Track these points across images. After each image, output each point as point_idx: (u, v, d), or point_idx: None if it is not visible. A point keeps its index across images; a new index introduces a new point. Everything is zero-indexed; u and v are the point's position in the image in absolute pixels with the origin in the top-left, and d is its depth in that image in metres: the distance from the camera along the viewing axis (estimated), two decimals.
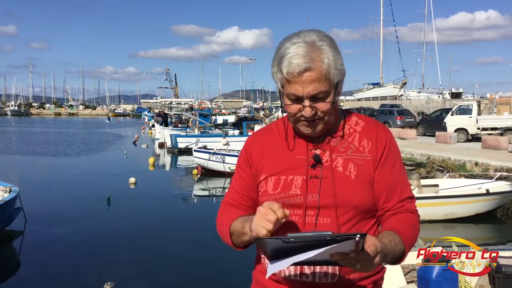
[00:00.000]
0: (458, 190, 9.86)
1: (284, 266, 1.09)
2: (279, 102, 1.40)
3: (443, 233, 9.15)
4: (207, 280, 6.81)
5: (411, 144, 17.18)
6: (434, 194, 9.58)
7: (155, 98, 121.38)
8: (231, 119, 34.76)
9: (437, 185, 10.29)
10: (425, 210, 8.83)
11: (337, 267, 1.30)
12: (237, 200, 1.49)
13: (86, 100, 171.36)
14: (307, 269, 1.32)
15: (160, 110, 45.66)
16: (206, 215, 10.79)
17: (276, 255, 1.12)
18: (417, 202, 1.45)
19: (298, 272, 1.33)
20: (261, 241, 1.14)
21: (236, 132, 25.95)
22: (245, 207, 1.47)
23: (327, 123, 1.36)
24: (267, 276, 1.13)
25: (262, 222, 1.19)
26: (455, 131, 19.53)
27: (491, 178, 10.49)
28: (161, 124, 31.16)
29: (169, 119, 33.67)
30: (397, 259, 1.28)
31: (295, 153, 1.41)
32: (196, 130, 26.06)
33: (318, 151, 1.39)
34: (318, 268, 1.31)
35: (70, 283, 6.69)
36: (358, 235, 1.02)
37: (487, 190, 9.57)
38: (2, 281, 6.89)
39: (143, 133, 42.54)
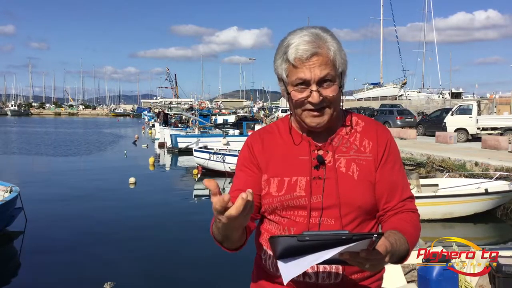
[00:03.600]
0: (456, 190, 9.86)
1: (300, 271, 1.05)
2: (280, 102, 1.39)
3: (442, 233, 9.16)
4: (207, 280, 6.82)
5: (411, 144, 17.18)
6: (433, 194, 9.59)
7: (155, 98, 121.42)
8: (231, 119, 34.80)
9: (436, 185, 10.30)
10: (423, 210, 8.83)
11: (340, 267, 1.30)
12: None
13: (86, 100, 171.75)
14: (310, 269, 1.31)
15: (160, 109, 45.74)
16: (206, 215, 10.78)
17: (286, 254, 1.09)
18: (416, 201, 1.45)
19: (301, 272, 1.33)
20: (275, 239, 1.09)
21: (236, 132, 25.98)
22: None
23: (332, 114, 1.35)
24: (285, 282, 1.07)
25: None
26: (455, 131, 19.52)
27: (490, 178, 10.49)
28: (161, 124, 31.21)
29: (170, 119, 33.58)
30: (401, 258, 1.28)
31: (297, 154, 1.39)
32: (196, 130, 26.08)
33: (320, 152, 1.39)
34: (321, 269, 1.31)
35: (70, 283, 6.70)
36: (375, 235, 1.01)
37: (486, 190, 9.57)
38: (3, 280, 6.89)
39: (143, 133, 42.56)
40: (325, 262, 1.19)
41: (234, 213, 1.04)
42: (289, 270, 1.07)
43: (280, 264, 1.10)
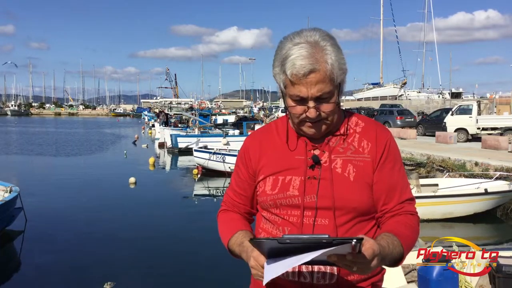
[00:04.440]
0: (456, 190, 9.86)
1: (281, 272, 1.08)
2: (280, 102, 1.40)
3: (441, 233, 9.16)
4: (206, 280, 6.82)
5: (411, 144, 17.19)
6: (433, 194, 9.59)
7: (155, 98, 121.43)
8: (231, 119, 34.81)
9: (436, 185, 10.30)
10: (423, 210, 8.84)
11: (335, 268, 1.30)
12: (235, 199, 1.52)
13: (86, 100, 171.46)
14: (305, 270, 1.31)
15: (160, 109, 45.80)
16: (206, 215, 10.80)
17: (273, 255, 1.12)
18: (416, 201, 1.44)
19: (297, 271, 1.32)
20: (258, 242, 1.13)
21: (236, 132, 25.99)
22: (242, 206, 1.51)
23: (331, 123, 1.36)
24: (264, 283, 1.11)
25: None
26: (455, 131, 19.52)
27: (490, 178, 10.49)
28: (162, 124, 31.21)
29: (170, 119, 33.55)
30: (395, 261, 1.27)
31: (294, 153, 1.40)
32: (196, 130, 26.08)
33: (317, 152, 1.38)
34: (316, 269, 1.31)
35: (70, 283, 6.70)
36: (355, 240, 1.02)
37: (486, 190, 9.57)
38: (3, 280, 6.90)
39: (143, 133, 42.59)
40: (315, 263, 1.22)
41: None
42: (271, 271, 1.10)
43: (265, 265, 1.13)
